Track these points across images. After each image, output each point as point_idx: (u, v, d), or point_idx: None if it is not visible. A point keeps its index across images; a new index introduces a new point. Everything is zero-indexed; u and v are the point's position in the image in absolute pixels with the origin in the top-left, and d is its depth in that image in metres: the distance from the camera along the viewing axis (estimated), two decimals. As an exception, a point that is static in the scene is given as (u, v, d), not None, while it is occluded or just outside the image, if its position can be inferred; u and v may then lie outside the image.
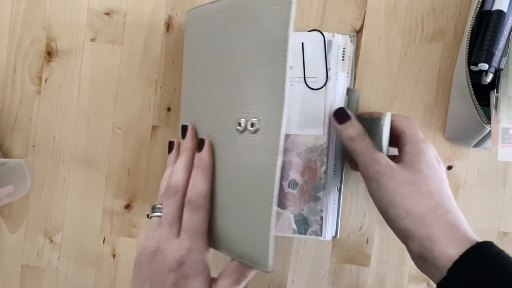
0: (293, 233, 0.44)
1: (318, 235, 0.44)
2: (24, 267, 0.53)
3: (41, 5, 0.51)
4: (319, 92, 0.43)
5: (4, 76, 0.51)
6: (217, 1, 0.40)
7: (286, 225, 0.44)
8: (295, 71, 0.44)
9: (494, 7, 0.40)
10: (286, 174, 0.44)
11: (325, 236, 0.44)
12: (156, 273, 0.36)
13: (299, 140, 0.44)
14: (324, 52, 0.43)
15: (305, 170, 0.44)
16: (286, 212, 0.44)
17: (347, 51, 0.44)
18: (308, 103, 0.43)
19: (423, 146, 0.38)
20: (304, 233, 0.44)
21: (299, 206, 0.44)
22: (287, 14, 0.33)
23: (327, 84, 0.43)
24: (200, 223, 0.37)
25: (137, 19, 0.50)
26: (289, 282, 0.51)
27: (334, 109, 0.43)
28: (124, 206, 0.52)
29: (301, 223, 0.44)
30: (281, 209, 0.44)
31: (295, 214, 0.44)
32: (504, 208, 0.48)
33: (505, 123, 0.39)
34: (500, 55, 0.40)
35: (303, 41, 0.43)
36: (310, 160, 0.44)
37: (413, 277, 0.50)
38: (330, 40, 0.43)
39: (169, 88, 0.51)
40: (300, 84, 0.43)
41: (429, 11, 0.48)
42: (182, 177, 0.39)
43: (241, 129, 0.36)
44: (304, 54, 0.43)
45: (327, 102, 0.43)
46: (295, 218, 0.44)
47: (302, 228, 0.44)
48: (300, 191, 0.44)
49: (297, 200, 0.44)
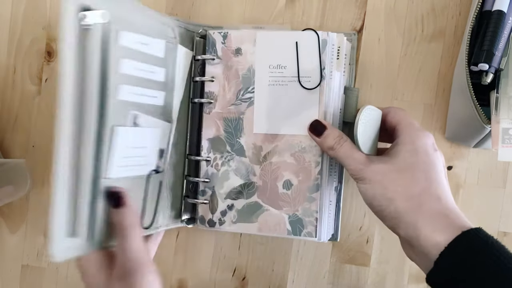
0: (287, 234, 0.44)
1: (312, 237, 0.44)
2: (24, 267, 0.53)
3: (41, 5, 0.51)
4: (314, 91, 0.43)
5: (4, 76, 0.51)
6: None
7: (281, 226, 0.44)
8: (289, 71, 0.43)
9: (494, 7, 0.40)
10: (281, 175, 0.44)
11: (320, 237, 0.44)
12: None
13: (294, 140, 0.44)
14: (318, 51, 0.43)
15: (300, 171, 0.44)
16: (280, 212, 0.44)
17: (343, 50, 0.44)
18: (303, 103, 0.43)
19: (417, 135, 0.38)
20: (299, 234, 0.44)
21: (293, 206, 0.44)
22: None
23: (321, 83, 0.43)
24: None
25: (137, 19, 0.50)
26: (289, 282, 0.51)
27: (328, 109, 0.43)
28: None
29: (295, 224, 0.44)
30: (276, 210, 0.44)
31: (289, 214, 0.44)
32: (504, 208, 0.48)
33: (505, 123, 0.39)
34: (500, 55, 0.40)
35: (297, 41, 0.43)
36: (304, 160, 0.43)
37: (413, 277, 0.50)
38: (324, 39, 0.43)
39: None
40: (294, 83, 0.43)
41: (429, 11, 0.48)
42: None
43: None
44: (298, 54, 0.43)
45: (321, 102, 0.43)
46: (290, 219, 0.44)
47: (297, 229, 0.44)
48: (295, 191, 0.44)
49: (291, 200, 0.44)
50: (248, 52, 0.44)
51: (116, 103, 0.37)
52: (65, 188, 0.34)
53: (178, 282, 0.52)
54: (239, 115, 0.45)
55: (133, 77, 0.39)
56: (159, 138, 0.43)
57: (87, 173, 0.35)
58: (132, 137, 0.39)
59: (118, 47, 0.37)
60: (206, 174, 0.46)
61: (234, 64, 0.44)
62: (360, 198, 0.50)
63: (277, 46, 0.43)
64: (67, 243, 0.34)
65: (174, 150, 0.47)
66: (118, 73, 0.37)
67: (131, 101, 0.39)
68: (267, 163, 0.44)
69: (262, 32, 0.44)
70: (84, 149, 0.35)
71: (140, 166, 0.41)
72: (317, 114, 0.43)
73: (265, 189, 0.44)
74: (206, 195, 0.46)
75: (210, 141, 0.46)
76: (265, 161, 0.44)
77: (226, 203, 0.45)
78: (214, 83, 0.45)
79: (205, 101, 0.45)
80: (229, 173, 0.45)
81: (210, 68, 0.45)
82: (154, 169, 0.43)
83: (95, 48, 0.35)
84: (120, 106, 0.38)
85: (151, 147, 0.42)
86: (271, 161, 0.44)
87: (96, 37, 0.35)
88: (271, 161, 0.44)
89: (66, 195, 0.34)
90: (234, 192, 0.45)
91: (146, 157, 0.41)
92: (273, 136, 0.44)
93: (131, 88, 0.38)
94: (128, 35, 0.37)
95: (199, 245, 0.52)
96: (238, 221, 0.45)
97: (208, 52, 0.45)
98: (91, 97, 0.35)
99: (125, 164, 0.39)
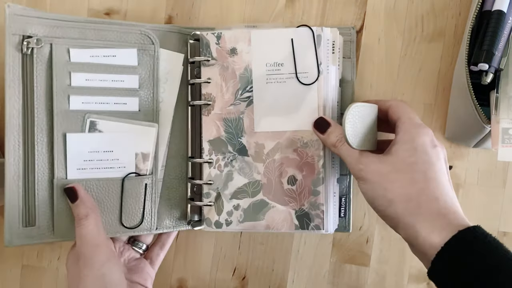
0: (295, 228, 0.44)
1: (320, 229, 0.44)
2: (24, 267, 0.53)
3: (41, 5, 0.51)
4: (312, 87, 0.43)
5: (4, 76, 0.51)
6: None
7: (288, 221, 0.44)
8: (287, 68, 0.44)
9: (494, 7, 0.40)
10: (285, 171, 0.44)
11: (327, 229, 0.44)
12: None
13: (295, 136, 0.44)
14: (314, 47, 0.43)
15: (303, 166, 0.44)
16: (287, 208, 0.44)
17: (337, 44, 0.44)
18: (302, 99, 0.43)
19: (416, 132, 0.38)
20: (307, 228, 0.44)
21: (299, 201, 0.44)
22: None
23: (319, 78, 0.43)
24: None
25: (137, 19, 0.50)
26: (289, 282, 0.51)
27: (327, 103, 0.43)
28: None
29: (302, 218, 0.44)
30: (282, 206, 0.44)
31: (296, 209, 0.44)
32: (504, 208, 0.48)
33: (505, 123, 0.39)
34: (500, 55, 0.40)
35: (293, 37, 0.43)
36: (307, 155, 0.44)
37: (413, 277, 0.50)
38: (319, 34, 0.43)
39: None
40: (292, 80, 0.44)
41: (429, 11, 0.48)
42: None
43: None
44: (294, 51, 0.43)
45: (320, 96, 0.43)
46: (296, 214, 0.44)
47: (304, 223, 0.44)
48: (300, 186, 0.44)
49: (297, 195, 0.44)
50: (244, 52, 0.44)
51: (67, 112, 0.42)
52: (17, 187, 0.41)
53: (178, 282, 0.52)
54: (239, 115, 0.45)
55: (90, 88, 0.43)
56: (135, 142, 0.45)
57: (43, 174, 0.42)
58: (90, 142, 0.43)
59: (70, 63, 0.42)
60: (209, 176, 0.46)
61: (230, 64, 0.45)
62: (359, 198, 0.50)
63: (272, 44, 0.44)
64: (22, 231, 0.41)
65: (171, 153, 0.48)
66: (71, 86, 0.42)
67: (88, 110, 0.43)
68: (271, 161, 0.44)
69: (257, 31, 0.44)
70: (38, 154, 0.42)
71: (110, 169, 0.44)
72: (316, 109, 0.43)
73: (270, 186, 0.45)
74: (211, 197, 0.46)
75: (211, 142, 0.46)
76: (268, 159, 0.44)
77: (232, 204, 0.45)
78: (211, 84, 0.45)
79: (203, 103, 0.45)
80: (233, 173, 0.45)
81: (206, 70, 0.45)
82: (134, 172, 0.45)
83: (40, 67, 0.41)
84: (73, 115, 0.43)
85: (121, 151, 0.44)
86: (274, 158, 0.44)
87: (41, 58, 0.41)
88: (274, 158, 0.44)
89: (20, 192, 0.41)
90: (239, 191, 0.45)
91: (117, 160, 0.44)
92: (274, 133, 0.44)
93: (86, 98, 0.43)
94: (80, 52, 0.43)
95: (199, 245, 0.52)
96: (245, 220, 0.45)
97: (202, 53, 0.45)
98: (38, 110, 0.41)
99: (87, 167, 0.44)
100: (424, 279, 0.50)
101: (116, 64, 0.44)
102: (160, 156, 0.47)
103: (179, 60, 0.47)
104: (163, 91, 0.46)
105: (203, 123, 0.46)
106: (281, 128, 0.44)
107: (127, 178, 0.45)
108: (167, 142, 0.47)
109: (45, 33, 0.42)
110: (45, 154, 0.42)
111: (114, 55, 0.44)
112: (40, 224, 0.42)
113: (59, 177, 0.43)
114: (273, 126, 0.44)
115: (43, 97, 0.42)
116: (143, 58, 0.45)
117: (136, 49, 0.45)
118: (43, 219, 0.42)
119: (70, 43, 0.42)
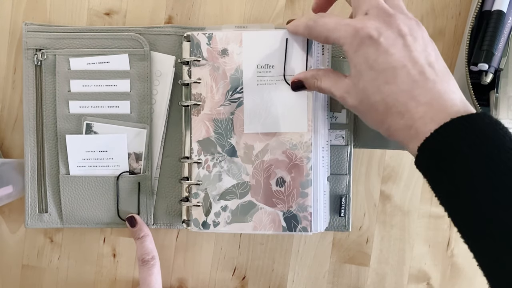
0: (283, 230, 0.44)
1: (307, 231, 0.44)
2: (24, 267, 0.53)
3: (41, 5, 0.51)
4: None
5: (4, 76, 0.51)
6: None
7: (276, 223, 0.45)
8: (277, 70, 0.44)
9: (494, 7, 0.40)
10: (273, 173, 0.44)
11: (316, 229, 0.44)
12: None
13: (284, 137, 0.44)
14: (306, 48, 0.43)
15: (292, 167, 0.44)
16: (275, 210, 0.45)
17: (327, 45, 0.44)
18: (292, 101, 0.44)
19: (352, 36, 0.35)
20: (294, 230, 0.44)
21: (287, 203, 0.44)
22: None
23: None
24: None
25: (137, 19, 0.51)
26: (289, 282, 0.51)
27: (317, 104, 0.43)
28: (124, 206, 0.52)
29: (290, 220, 0.44)
30: (270, 207, 0.45)
31: (284, 211, 0.44)
32: (504, 208, 0.48)
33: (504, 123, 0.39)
34: (499, 55, 0.40)
35: (287, 37, 0.43)
36: (296, 157, 0.44)
37: (413, 277, 0.50)
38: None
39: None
40: (283, 82, 0.44)
41: (429, 11, 0.48)
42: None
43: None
44: (287, 51, 0.43)
45: (309, 98, 0.43)
46: (284, 216, 0.44)
47: (292, 225, 0.44)
48: (288, 188, 0.44)
49: (285, 197, 0.44)
50: (235, 53, 0.44)
51: (68, 116, 0.48)
52: (33, 180, 0.49)
53: (178, 282, 0.52)
54: (228, 116, 0.45)
55: (87, 93, 0.48)
56: (128, 143, 0.48)
57: (51, 169, 0.49)
58: (87, 142, 0.48)
59: (69, 71, 0.47)
60: (198, 176, 0.46)
61: (221, 65, 0.44)
62: (360, 199, 0.50)
63: (264, 46, 0.44)
64: (38, 216, 0.50)
65: (168, 153, 0.49)
66: (70, 92, 0.47)
67: (84, 113, 0.48)
68: (259, 162, 0.44)
69: (248, 32, 0.44)
70: (47, 152, 0.49)
71: (106, 167, 0.48)
72: (306, 110, 0.43)
73: (258, 187, 0.45)
74: (199, 197, 0.46)
75: (200, 143, 0.45)
76: (257, 160, 0.45)
77: (220, 205, 0.45)
78: (201, 84, 0.45)
79: (193, 103, 0.45)
80: (222, 174, 0.45)
81: (196, 70, 0.45)
82: (128, 171, 0.48)
83: (47, 77, 0.48)
84: (72, 118, 0.48)
85: (115, 151, 0.48)
86: (263, 160, 0.44)
87: (48, 68, 0.48)
88: (263, 160, 0.44)
89: (35, 184, 0.49)
90: (227, 192, 0.45)
91: (111, 159, 0.48)
92: (264, 135, 0.44)
93: (83, 103, 0.48)
94: (78, 60, 0.47)
95: (199, 245, 0.52)
96: (232, 222, 0.45)
97: (193, 54, 0.45)
98: (46, 113, 0.48)
99: (86, 165, 0.48)
100: (424, 279, 0.50)
101: (109, 70, 0.47)
102: (154, 156, 0.49)
103: (170, 62, 0.48)
104: (156, 93, 0.48)
105: (193, 123, 0.45)
106: (271, 130, 0.44)
107: (121, 176, 0.48)
108: (161, 142, 0.49)
109: (50, 45, 0.48)
110: (53, 152, 0.49)
111: (107, 61, 0.47)
112: (51, 212, 0.49)
113: (63, 172, 0.49)
114: (262, 128, 0.44)
115: (50, 102, 0.48)
116: (135, 62, 0.47)
117: (128, 54, 0.47)
118: (53, 207, 0.49)
119: (70, 53, 0.47)
